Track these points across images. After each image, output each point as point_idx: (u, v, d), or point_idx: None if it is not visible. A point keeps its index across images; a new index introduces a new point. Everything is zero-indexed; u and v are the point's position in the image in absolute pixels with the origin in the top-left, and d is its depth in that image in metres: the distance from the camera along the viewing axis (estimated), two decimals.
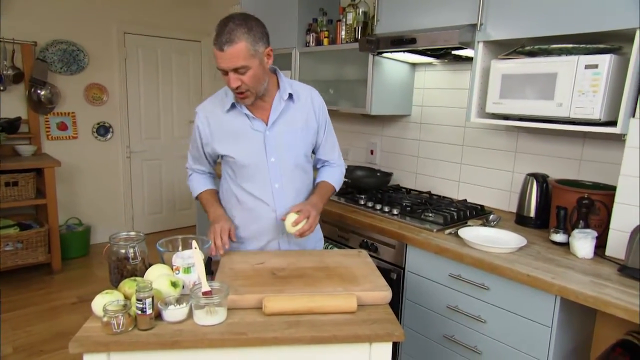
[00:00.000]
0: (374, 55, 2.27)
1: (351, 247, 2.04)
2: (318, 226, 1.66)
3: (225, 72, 1.31)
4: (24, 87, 3.50)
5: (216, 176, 1.70)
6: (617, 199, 1.55)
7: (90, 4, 3.75)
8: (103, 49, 3.90)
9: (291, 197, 1.52)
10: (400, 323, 1.83)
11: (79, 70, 3.78)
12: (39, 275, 3.37)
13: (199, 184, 1.64)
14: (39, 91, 3.54)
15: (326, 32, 2.60)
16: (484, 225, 1.87)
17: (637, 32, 1.41)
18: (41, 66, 3.52)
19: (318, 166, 1.69)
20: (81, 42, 3.76)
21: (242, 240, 1.56)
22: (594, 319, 1.73)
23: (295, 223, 1.40)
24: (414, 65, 2.49)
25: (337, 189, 1.66)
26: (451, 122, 2.38)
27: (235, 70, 1.29)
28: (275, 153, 1.47)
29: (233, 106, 1.46)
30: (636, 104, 1.49)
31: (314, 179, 1.66)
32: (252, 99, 1.40)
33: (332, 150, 1.66)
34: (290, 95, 1.49)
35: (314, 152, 1.64)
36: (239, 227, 1.55)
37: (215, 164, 1.68)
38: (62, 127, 3.77)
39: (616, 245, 1.55)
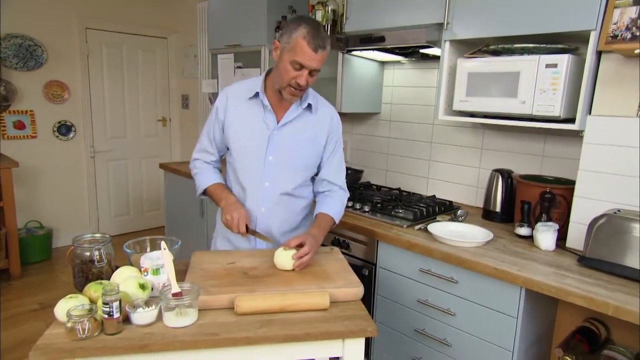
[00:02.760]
0: (343, 53, 2.28)
1: (323, 245, 2.04)
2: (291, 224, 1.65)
3: (299, 69, 1.35)
4: None
5: (222, 171, 1.66)
6: (576, 192, 1.62)
7: None
8: (63, 44, 3.74)
9: (279, 201, 1.53)
10: (372, 318, 1.85)
11: (37, 67, 3.61)
12: None
13: (207, 176, 1.57)
14: None
15: None
16: (452, 220, 1.92)
17: (592, 33, 1.48)
18: None
19: (320, 190, 1.62)
20: (39, 37, 3.59)
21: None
22: (556, 307, 1.80)
23: (295, 256, 1.30)
24: (383, 63, 2.52)
25: (337, 221, 1.57)
26: (420, 120, 2.42)
27: (314, 70, 1.37)
28: (274, 153, 1.49)
29: (255, 96, 1.49)
30: (592, 102, 1.57)
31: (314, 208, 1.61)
32: (300, 97, 1.47)
33: (337, 174, 1.60)
34: (309, 106, 1.51)
35: (317, 174, 1.61)
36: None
37: (222, 156, 1.64)
38: (20, 125, 3.60)
39: (576, 237, 1.62)
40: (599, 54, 1.52)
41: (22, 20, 3.50)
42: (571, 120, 1.59)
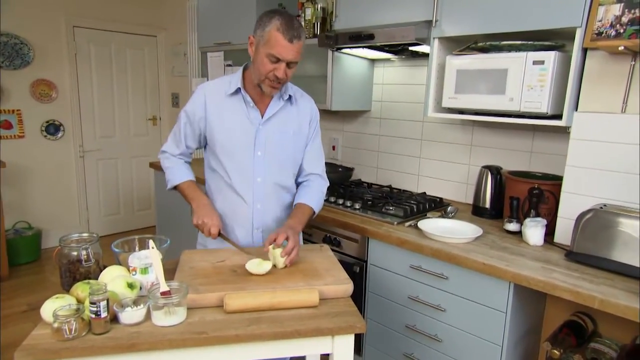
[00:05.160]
0: (333, 51, 2.28)
1: (313, 242, 2.04)
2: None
3: (275, 61, 1.35)
4: None
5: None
6: (563, 188, 1.64)
7: None
8: (50, 43, 3.70)
9: (272, 195, 1.54)
10: (363, 315, 1.86)
11: (24, 65, 3.56)
12: None
13: (180, 172, 1.57)
14: None
15: None
16: (442, 216, 1.93)
17: (577, 31, 1.49)
18: None
19: (300, 179, 1.64)
20: (25, 35, 3.54)
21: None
22: (545, 302, 1.82)
23: (284, 253, 1.29)
24: (373, 61, 2.52)
25: (317, 212, 1.58)
26: (410, 117, 2.43)
27: (291, 62, 1.36)
28: (262, 148, 1.48)
29: (236, 92, 1.47)
30: (578, 98, 1.58)
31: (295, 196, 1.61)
32: (279, 90, 1.47)
33: (317, 163, 1.63)
34: (290, 97, 1.52)
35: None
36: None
37: (193, 152, 1.63)
38: (6, 125, 3.55)
39: (563, 232, 1.63)
40: (584, 50, 1.53)
41: (7, 18, 3.44)
42: (558, 116, 1.60)
